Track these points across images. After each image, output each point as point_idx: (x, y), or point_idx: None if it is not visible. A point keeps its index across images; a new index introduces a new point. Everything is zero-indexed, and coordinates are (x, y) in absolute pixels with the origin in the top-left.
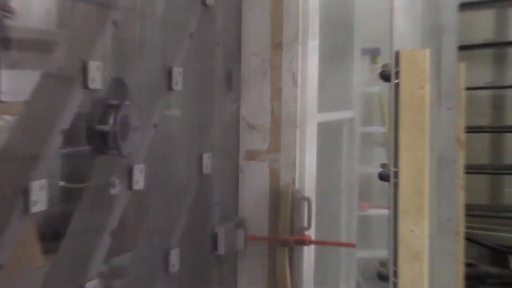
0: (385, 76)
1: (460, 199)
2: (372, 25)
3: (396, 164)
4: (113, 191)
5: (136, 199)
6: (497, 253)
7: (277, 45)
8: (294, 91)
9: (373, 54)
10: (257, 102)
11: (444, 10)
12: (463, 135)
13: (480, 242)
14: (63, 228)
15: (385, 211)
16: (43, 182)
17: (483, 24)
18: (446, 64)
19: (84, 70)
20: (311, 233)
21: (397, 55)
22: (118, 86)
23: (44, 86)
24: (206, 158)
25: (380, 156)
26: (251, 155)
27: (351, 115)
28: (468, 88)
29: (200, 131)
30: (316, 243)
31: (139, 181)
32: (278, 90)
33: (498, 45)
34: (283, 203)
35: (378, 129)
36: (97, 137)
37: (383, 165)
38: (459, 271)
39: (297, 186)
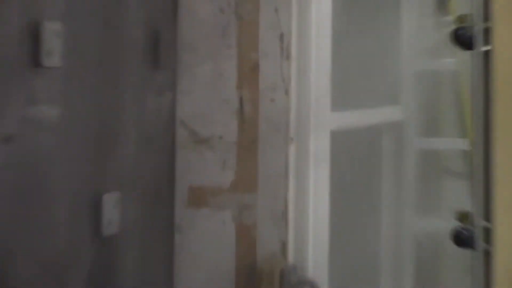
0: (464, 39)
1: None
2: None
3: (487, 215)
4: None
5: None
6: None
7: None
8: (285, 69)
9: None
10: (211, 91)
11: None
12: None
13: None
14: None
15: None
16: None
17: None
18: None
19: None
20: None
21: None
22: None
23: None
24: (110, 204)
25: (457, 196)
26: (200, 198)
27: (399, 116)
28: None
29: (97, 150)
30: None
31: None
32: (253, 68)
33: None
34: None
35: (453, 142)
36: None
37: (462, 216)
38: None
39: (291, 259)
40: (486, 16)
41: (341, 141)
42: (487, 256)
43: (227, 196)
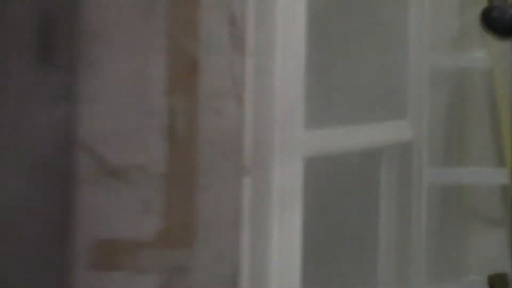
0: (499, 23)
1: None
2: None
3: None
4: None
5: None
6: None
7: None
8: (237, 66)
9: None
10: (128, 99)
11: None
12: None
13: None
14: None
15: None
16: None
17: None
18: None
19: None
20: None
21: None
22: None
23: None
24: None
25: (489, 252)
26: (110, 256)
27: (406, 135)
28: None
29: None
30: None
31: None
32: (190, 65)
33: None
34: None
35: (485, 174)
36: None
37: (496, 280)
38: None
39: None
40: None
41: (320, 171)
42: None
43: (151, 253)
